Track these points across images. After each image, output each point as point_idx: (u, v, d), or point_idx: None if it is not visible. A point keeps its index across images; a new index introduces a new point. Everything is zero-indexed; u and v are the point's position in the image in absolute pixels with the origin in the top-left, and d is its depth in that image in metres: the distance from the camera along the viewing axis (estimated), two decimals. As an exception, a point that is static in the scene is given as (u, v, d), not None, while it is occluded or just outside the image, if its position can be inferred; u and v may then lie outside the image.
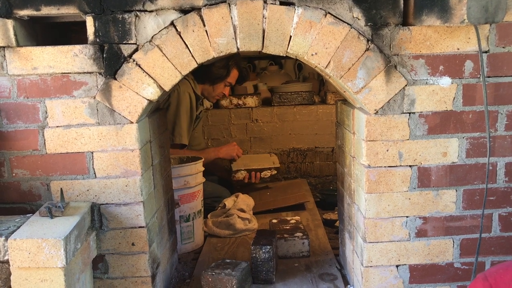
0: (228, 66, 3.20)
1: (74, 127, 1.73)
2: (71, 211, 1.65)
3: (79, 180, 1.76)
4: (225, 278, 1.96)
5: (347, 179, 2.07)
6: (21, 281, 1.47)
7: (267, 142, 4.09)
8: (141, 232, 1.78)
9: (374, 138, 1.74)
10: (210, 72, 3.19)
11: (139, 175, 1.75)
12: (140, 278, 1.81)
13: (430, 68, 1.72)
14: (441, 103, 1.74)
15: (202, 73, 3.18)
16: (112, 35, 1.67)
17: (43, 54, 1.69)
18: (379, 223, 1.79)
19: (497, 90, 1.74)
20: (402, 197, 1.78)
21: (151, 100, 1.72)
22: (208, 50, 1.70)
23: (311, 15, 1.67)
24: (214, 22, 1.67)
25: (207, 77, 3.23)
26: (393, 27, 1.69)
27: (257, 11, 1.67)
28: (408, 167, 1.77)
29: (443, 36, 1.69)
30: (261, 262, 2.10)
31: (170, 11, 1.67)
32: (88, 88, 1.71)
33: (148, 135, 1.89)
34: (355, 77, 1.71)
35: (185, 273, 2.28)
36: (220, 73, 3.22)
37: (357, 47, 1.69)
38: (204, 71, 3.17)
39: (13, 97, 1.72)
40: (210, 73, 3.19)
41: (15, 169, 1.76)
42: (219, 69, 3.19)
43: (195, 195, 2.57)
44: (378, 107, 1.73)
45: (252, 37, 1.69)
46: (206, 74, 3.20)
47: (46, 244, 1.44)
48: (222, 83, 3.30)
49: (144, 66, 1.69)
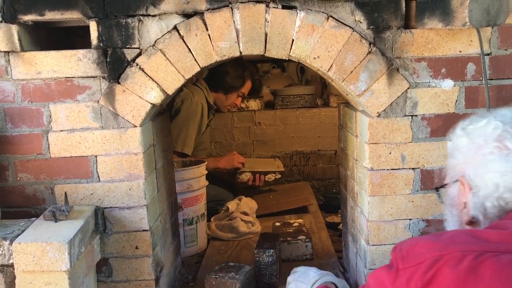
0: (244, 77, 3.23)
1: (78, 131, 1.74)
2: (75, 215, 1.66)
3: (83, 184, 1.77)
4: (229, 281, 1.96)
5: (350, 182, 2.07)
6: (26, 285, 1.47)
7: (270, 145, 4.09)
8: (144, 235, 1.79)
9: (377, 141, 1.75)
10: (224, 81, 3.21)
11: (143, 179, 1.76)
12: (144, 281, 1.82)
13: (432, 70, 1.72)
14: (443, 106, 1.74)
15: (216, 81, 3.20)
16: (116, 39, 1.68)
17: (47, 58, 1.70)
18: (382, 226, 1.79)
19: (499, 92, 1.74)
20: (405, 199, 1.78)
21: (155, 104, 1.73)
22: (211, 54, 1.71)
23: (313, 18, 1.68)
24: (216, 26, 1.68)
25: (221, 86, 3.25)
26: (395, 30, 1.69)
27: (259, 15, 1.68)
28: (411, 169, 1.77)
29: (445, 39, 1.70)
30: (265, 265, 2.10)
31: (173, 16, 1.68)
32: (92, 92, 1.72)
33: (152, 139, 1.90)
34: (358, 80, 1.71)
35: (188, 276, 2.28)
36: (235, 83, 3.25)
37: (359, 50, 1.69)
38: (219, 80, 3.18)
39: (17, 102, 1.73)
40: (224, 82, 3.22)
41: (20, 173, 1.77)
42: (235, 79, 3.22)
43: (198, 199, 2.57)
44: (380, 110, 1.73)
45: (254, 41, 1.70)
46: (220, 82, 3.22)
47: (51, 248, 1.45)
48: (236, 93, 3.32)
49: (147, 70, 1.70)
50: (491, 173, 1.04)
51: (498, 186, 1.03)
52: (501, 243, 0.92)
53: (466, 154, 1.11)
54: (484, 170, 1.05)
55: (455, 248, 0.93)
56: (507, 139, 1.05)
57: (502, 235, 0.95)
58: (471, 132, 1.12)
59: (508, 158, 1.03)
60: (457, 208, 1.15)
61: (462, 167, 1.12)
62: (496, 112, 1.12)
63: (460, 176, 1.13)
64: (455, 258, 0.91)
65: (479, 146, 1.09)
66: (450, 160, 1.18)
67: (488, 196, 1.05)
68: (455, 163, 1.16)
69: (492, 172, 1.04)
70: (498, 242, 0.93)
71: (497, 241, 0.93)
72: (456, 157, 1.15)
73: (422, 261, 0.94)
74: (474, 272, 0.88)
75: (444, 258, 0.92)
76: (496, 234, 0.96)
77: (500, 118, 1.09)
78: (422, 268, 0.93)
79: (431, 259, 0.93)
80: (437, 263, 0.92)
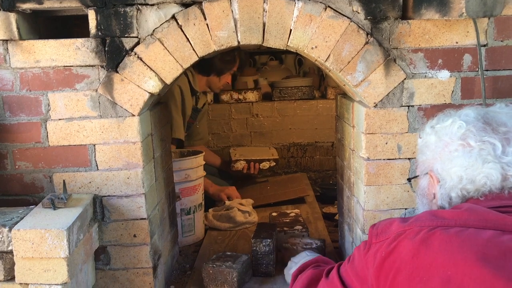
0: (234, 56, 3.24)
1: (76, 119, 1.75)
2: (74, 203, 1.67)
3: (82, 172, 1.78)
4: (226, 270, 1.98)
5: (347, 172, 2.09)
6: (25, 271, 1.49)
7: (267, 137, 4.11)
8: (142, 223, 1.81)
9: (373, 131, 1.76)
10: (217, 64, 3.21)
11: (141, 168, 1.77)
12: (142, 269, 1.83)
13: (429, 61, 1.73)
14: (439, 96, 1.76)
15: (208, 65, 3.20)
16: (114, 28, 1.69)
17: (45, 47, 1.70)
18: (378, 215, 1.81)
19: (495, 83, 1.76)
20: (401, 189, 1.80)
21: (153, 93, 1.74)
22: (209, 44, 1.71)
23: (311, 8, 1.68)
24: (215, 15, 1.69)
25: (214, 69, 3.26)
26: (393, 20, 1.70)
27: (257, 4, 1.68)
28: (407, 159, 1.79)
29: (442, 29, 1.71)
30: (262, 255, 2.12)
31: (171, 5, 1.69)
32: (90, 81, 1.73)
33: (150, 128, 1.91)
34: (355, 71, 1.72)
35: (186, 265, 2.30)
36: (227, 64, 3.26)
37: (356, 41, 1.70)
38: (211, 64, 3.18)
39: (16, 90, 1.74)
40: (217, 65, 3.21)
41: (18, 162, 1.78)
42: (226, 61, 3.22)
43: (196, 189, 2.59)
44: (377, 100, 1.74)
45: (252, 31, 1.70)
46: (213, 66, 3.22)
47: (49, 235, 1.46)
48: (228, 73, 3.33)
49: (146, 59, 1.71)
50: (456, 167, 1.18)
51: (462, 179, 1.17)
52: (452, 219, 1.07)
53: (434, 150, 1.25)
54: (450, 165, 1.19)
55: (416, 224, 1.10)
56: (469, 137, 1.17)
57: (456, 213, 1.10)
58: (438, 130, 1.25)
59: (471, 154, 1.16)
60: (427, 198, 1.30)
61: (431, 162, 1.26)
62: (461, 111, 1.26)
63: (430, 170, 1.27)
64: (413, 231, 1.08)
65: (445, 143, 1.22)
66: (420, 155, 1.33)
67: (453, 187, 1.19)
68: (424, 158, 1.30)
69: (456, 166, 1.17)
70: (451, 219, 1.08)
71: (450, 217, 1.08)
72: (425, 153, 1.29)
73: (389, 236, 1.12)
74: (425, 242, 1.04)
75: (406, 232, 1.09)
76: (451, 212, 1.11)
77: (464, 118, 1.22)
78: (387, 241, 1.11)
79: (395, 233, 1.11)
80: (399, 236, 1.10)
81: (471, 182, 1.16)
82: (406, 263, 1.05)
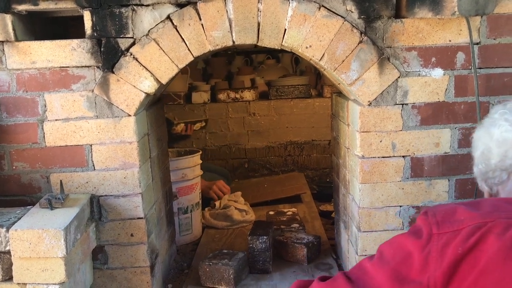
0: None
1: (73, 120, 1.76)
2: (71, 203, 1.68)
3: (78, 172, 1.79)
4: (222, 268, 2.00)
5: (342, 170, 2.10)
6: (23, 271, 1.50)
7: (264, 136, 4.11)
8: (139, 223, 1.82)
9: (368, 129, 1.78)
10: None
11: (137, 167, 1.78)
12: (139, 268, 1.85)
13: (423, 60, 1.74)
14: (433, 94, 1.77)
15: None
16: (109, 29, 1.70)
17: (41, 48, 1.71)
18: (373, 213, 1.83)
19: (488, 81, 1.77)
20: (396, 187, 1.82)
21: (148, 93, 1.75)
22: (204, 44, 1.72)
23: (305, 8, 1.70)
24: (209, 15, 1.70)
25: None
26: (386, 19, 1.71)
27: (252, 4, 1.69)
28: (401, 157, 1.80)
29: (435, 28, 1.72)
30: (258, 252, 2.14)
31: (166, 5, 1.70)
32: (86, 82, 1.74)
33: (146, 128, 1.92)
34: (349, 69, 1.74)
35: (183, 264, 2.32)
36: None
37: (350, 40, 1.72)
38: None
39: (12, 91, 1.75)
40: None
41: (15, 162, 1.79)
42: None
43: (193, 188, 2.60)
44: (371, 98, 1.76)
45: (247, 30, 1.71)
46: None
47: (47, 235, 1.47)
48: None
49: (141, 60, 1.72)
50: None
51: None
52: None
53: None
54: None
55: (499, 215, 0.90)
56: None
57: None
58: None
59: None
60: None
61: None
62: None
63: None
64: (500, 225, 0.88)
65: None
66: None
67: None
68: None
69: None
70: None
71: None
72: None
73: (462, 227, 0.91)
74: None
75: (488, 225, 0.89)
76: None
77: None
78: (462, 234, 0.90)
79: (472, 225, 0.90)
80: (479, 229, 0.89)
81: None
82: (496, 265, 0.86)
